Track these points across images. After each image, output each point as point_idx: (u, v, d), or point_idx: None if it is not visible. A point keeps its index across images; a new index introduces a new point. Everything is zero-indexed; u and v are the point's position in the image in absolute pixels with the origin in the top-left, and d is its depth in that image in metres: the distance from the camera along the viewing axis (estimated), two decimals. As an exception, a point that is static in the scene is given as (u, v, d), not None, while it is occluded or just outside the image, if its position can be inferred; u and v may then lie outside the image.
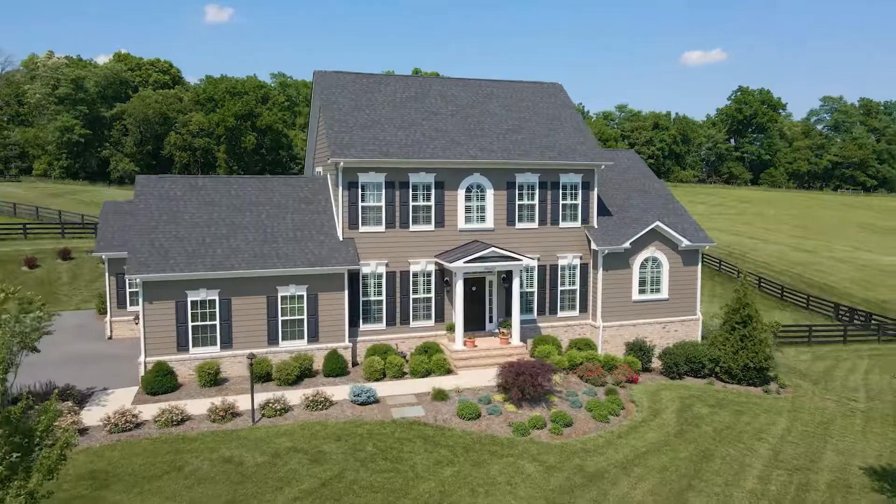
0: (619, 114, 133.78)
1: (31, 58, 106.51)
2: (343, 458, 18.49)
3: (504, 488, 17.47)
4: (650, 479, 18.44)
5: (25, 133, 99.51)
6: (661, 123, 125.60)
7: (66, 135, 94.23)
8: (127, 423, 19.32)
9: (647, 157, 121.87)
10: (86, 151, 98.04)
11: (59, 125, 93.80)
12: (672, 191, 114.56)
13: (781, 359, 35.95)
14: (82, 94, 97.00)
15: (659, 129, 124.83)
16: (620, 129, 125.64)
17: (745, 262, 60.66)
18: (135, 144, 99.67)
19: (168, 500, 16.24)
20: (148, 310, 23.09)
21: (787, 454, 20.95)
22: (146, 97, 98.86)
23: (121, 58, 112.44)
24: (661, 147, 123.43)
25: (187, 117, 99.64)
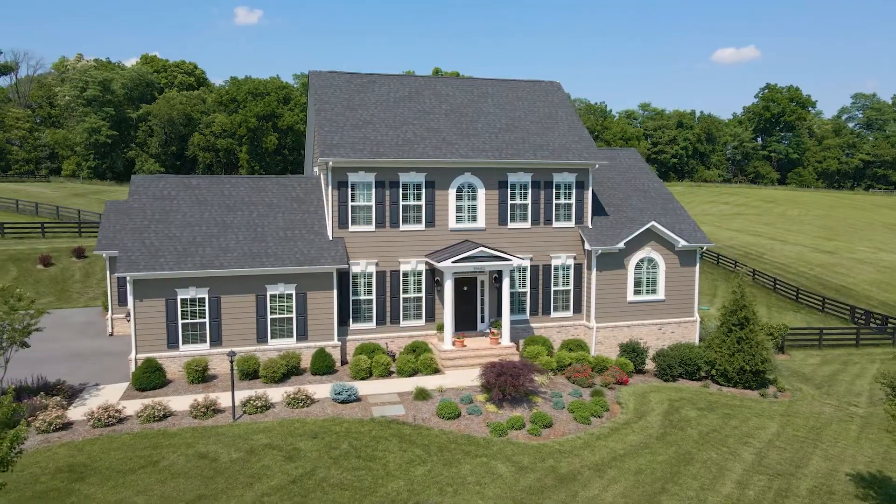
0: (643, 112, 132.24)
1: (62, 60, 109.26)
2: (317, 455, 18.66)
3: (473, 488, 17.45)
4: (623, 482, 18.26)
5: (55, 134, 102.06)
6: (685, 122, 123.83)
7: (94, 136, 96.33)
8: (109, 419, 19.73)
9: (671, 157, 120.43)
10: (112, 152, 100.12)
11: (87, 126, 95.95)
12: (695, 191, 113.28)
13: (788, 362, 35.30)
14: (109, 95, 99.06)
15: (683, 128, 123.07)
16: (643, 127, 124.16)
17: (763, 263, 59.58)
18: (160, 145, 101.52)
19: (140, 493, 16.57)
20: (138, 307, 23.55)
21: (772, 459, 20.55)
22: (171, 98, 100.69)
23: (147, 60, 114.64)
24: (685, 146, 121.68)
25: (210, 118, 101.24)
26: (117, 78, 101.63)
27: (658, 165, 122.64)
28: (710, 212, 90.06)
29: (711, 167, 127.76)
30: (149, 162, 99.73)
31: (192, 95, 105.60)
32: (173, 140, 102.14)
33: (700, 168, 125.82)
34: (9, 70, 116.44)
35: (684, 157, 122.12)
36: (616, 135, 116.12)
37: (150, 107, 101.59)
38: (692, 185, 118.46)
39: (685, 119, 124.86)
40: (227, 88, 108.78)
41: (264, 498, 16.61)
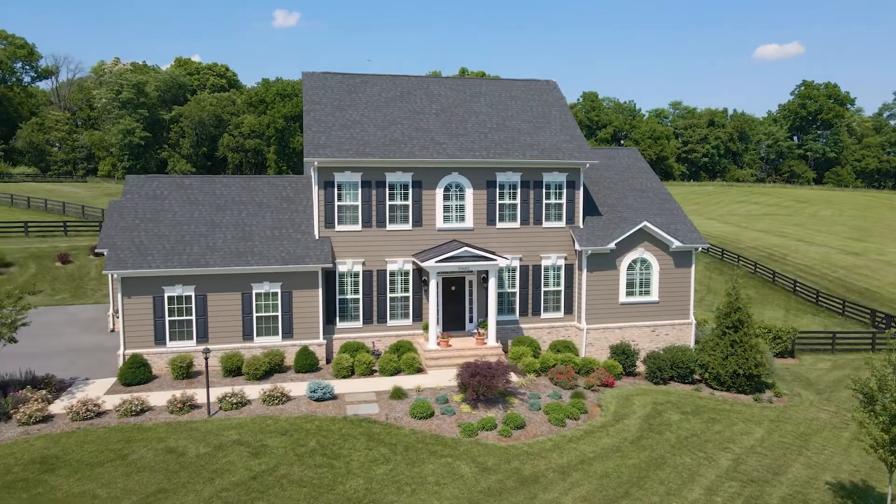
0: (674, 111, 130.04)
1: (100, 64, 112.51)
2: (283, 452, 18.88)
3: (431, 488, 17.45)
4: (586, 485, 18.03)
5: (92, 136, 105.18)
6: (716, 121, 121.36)
7: (128, 137, 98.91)
8: (87, 412, 20.28)
9: (702, 156, 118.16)
10: (146, 153, 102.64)
11: (122, 128, 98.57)
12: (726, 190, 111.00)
13: (796, 366, 34.37)
14: (143, 98, 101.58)
15: (714, 127, 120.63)
16: (673, 126, 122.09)
17: (785, 264, 58.08)
18: (191, 146, 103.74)
19: (103, 486, 17.00)
20: (127, 304, 24.15)
21: (749, 465, 20.05)
22: (201, 100, 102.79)
23: (181, 63, 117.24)
24: (716, 145, 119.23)
25: (239, 119, 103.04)
26: (151, 81, 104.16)
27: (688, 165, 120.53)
28: (737, 212, 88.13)
29: (744, 166, 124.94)
30: (181, 163, 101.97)
31: (223, 97, 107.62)
32: (204, 141, 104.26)
33: (732, 167, 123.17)
34: (50, 74, 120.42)
35: (716, 157, 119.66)
36: (645, 134, 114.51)
37: (181, 109, 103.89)
38: (723, 185, 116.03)
39: (717, 117, 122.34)
40: (256, 90, 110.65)
41: (222, 493, 16.88)
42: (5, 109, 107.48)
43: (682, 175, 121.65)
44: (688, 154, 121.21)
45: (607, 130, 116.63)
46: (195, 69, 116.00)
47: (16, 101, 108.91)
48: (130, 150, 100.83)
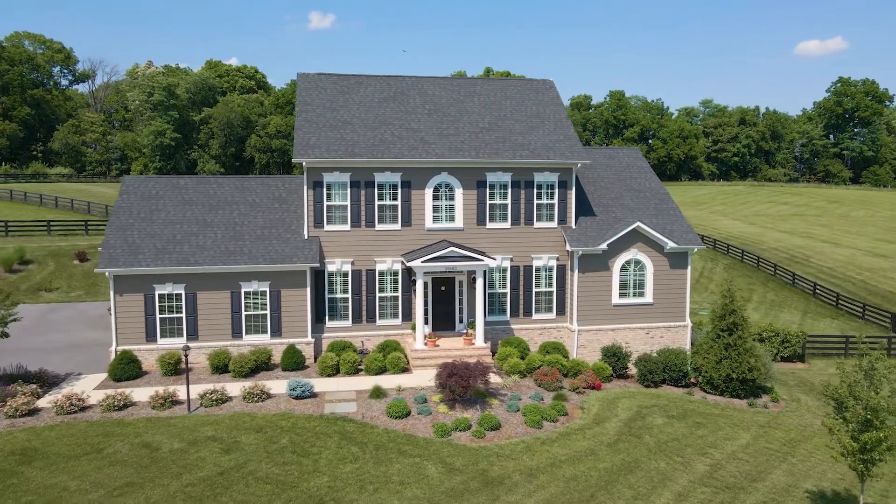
0: (704, 109, 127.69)
1: (134, 67, 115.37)
2: (254, 449, 19.13)
3: (394, 488, 17.50)
4: (552, 488, 17.87)
5: (125, 137, 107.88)
6: (748, 119, 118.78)
7: (159, 138, 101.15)
8: (71, 406, 20.84)
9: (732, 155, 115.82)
10: (176, 154, 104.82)
11: (153, 129, 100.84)
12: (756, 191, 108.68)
13: (803, 371, 33.50)
14: (174, 100, 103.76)
15: (745, 125, 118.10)
16: (703, 125, 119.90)
17: (807, 266, 56.61)
18: (220, 147, 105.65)
19: (75, 478, 17.45)
20: (119, 301, 24.75)
21: (727, 471, 19.63)
22: (229, 102, 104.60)
23: (212, 65, 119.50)
24: (747, 144, 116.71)
25: (266, 120, 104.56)
26: (182, 83, 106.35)
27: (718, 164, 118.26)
28: (765, 212, 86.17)
29: (776, 166, 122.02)
30: (210, 163, 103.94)
31: (251, 98, 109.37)
32: (232, 142, 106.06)
33: (764, 167, 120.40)
34: (86, 77, 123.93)
35: (746, 156, 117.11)
36: (673, 133, 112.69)
37: (210, 110, 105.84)
38: (754, 185, 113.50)
39: (748, 116, 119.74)
40: (283, 91, 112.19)
41: (188, 488, 17.18)
42: (43, 112, 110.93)
43: (711, 174, 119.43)
44: (717, 153, 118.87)
45: (634, 129, 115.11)
46: (224, 71, 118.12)
47: (54, 104, 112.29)
48: (161, 151, 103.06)
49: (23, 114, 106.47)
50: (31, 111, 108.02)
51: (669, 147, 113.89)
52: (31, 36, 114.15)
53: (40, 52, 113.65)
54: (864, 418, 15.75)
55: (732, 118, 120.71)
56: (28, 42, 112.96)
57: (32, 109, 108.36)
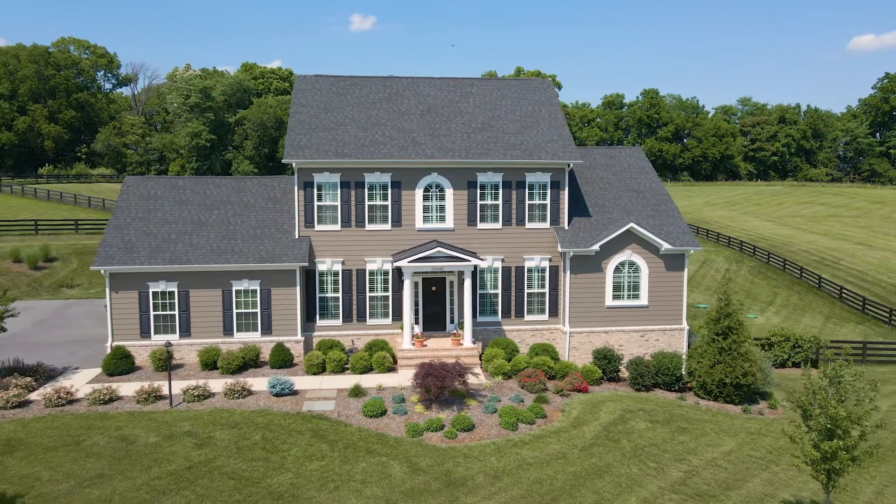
0: (742, 108, 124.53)
1: (174, 71, 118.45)
2: (226, 444, 19.49)
3: (355, 486, 17.61)
4: (513, 491, 17.73)
5: (163, 139, 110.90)
6: (788, 117, 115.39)
7: (195, 139, 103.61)
8: (59, 399, 21.56)
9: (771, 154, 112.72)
10: (212, 154, 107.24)
11: (190, 131, 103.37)
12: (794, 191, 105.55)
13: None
14: (210, 102, 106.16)
15: (785, 124, 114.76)
16: (741, 124, 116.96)
17: (837, 269, 54.76)
18: (253, 147, 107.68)
19: (49, 469, 18.06)
20: (114, 298, 25.48)
21: (702, 478, 19.16)
22: (262, 103, 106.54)
23: (247, 68, 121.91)
24: (787, 143, 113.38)
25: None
26: (218, 86, 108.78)
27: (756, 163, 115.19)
28: (800, 213, 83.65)
29: (818, 165, 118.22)
30: (244, 163, 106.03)
31: (284, 100, 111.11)
32: (266, 142, 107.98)
33: (804, 166, 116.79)
34: (129, 81, 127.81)
35: (786, 155, 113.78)
36: (708, 132, 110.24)
37: (245, 112, 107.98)
38: (793, 185, 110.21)
39: (788, 114, 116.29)
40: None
41: (154, 481, 17.61)
42: (88, 115, 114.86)
43: (748, 174, 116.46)
44: (755, 153, 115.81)
45: (668, 128, 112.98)
46: (259, 73, 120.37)
47: (97, 107, 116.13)
48: (197, 152, 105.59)
49: (68, 116, 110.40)
50: (76, 114, 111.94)
51: (704, 146, 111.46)
52: (76, 41, 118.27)
53: (85, 56, 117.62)
54: (825, 427, 15.20)
55: (772, 116, 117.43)
56: (73, 47, 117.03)
57: (77, 112, 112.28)
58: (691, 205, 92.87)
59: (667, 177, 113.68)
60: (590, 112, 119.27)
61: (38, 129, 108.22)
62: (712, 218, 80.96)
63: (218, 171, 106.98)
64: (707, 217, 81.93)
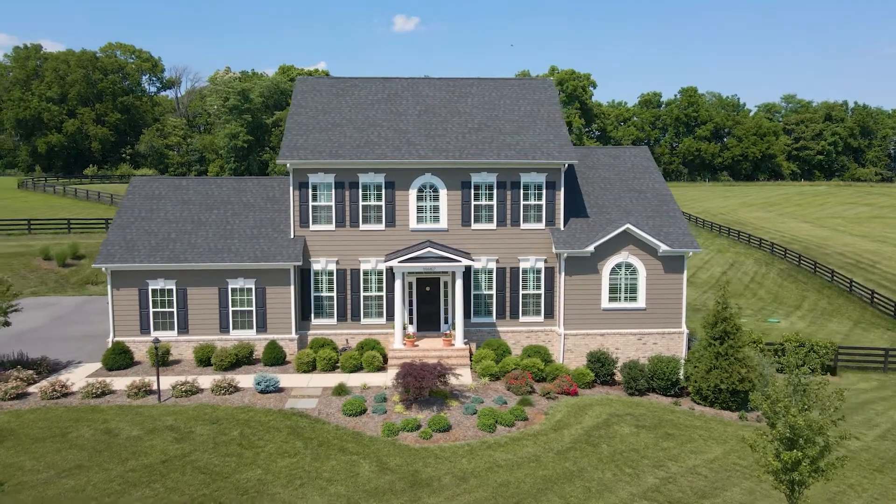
0: (786, 105, 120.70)
1: (216, 74, 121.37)
2: (204, 439, 19.91)
3: (320, 484, 17.78)
4: (478, 493, 17.62)
5: (203, 140, 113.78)
6: (834, 115, 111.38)
7: (233, 140, 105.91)
8: (54, 392, 22.36)
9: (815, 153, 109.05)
10: (249, 155, 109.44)
11: (228, 132, 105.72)
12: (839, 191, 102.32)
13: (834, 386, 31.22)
14: (248, 104, 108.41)
15: (832, 122, 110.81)
16: (784, 122, 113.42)
17: (871, 273, 52.72)
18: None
19: (34, 459, 18.75)
20: (115, 295, 26.30)
21: (677, 486, 18.71)
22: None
23: (284, 69, 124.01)
24: (833, 141, 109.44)
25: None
26: (256, 88, 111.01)
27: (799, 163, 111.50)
28: (841, 214, 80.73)
29: (867, 164, 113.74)
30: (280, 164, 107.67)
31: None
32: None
33: (852, 166, 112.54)
34: (172, 84, 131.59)
35: (832, 154, 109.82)
36: (749, 130, 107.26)
37: (281, 113, 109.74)
38: (839, 185, 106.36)
39: (835, 111, 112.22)
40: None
41: (128, 473, 18.12)
42: (133, 117, 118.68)
43: (791, 174, 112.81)
44: (799, 151, 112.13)
45: (706, 127, 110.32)
46: (296, 75, 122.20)
47: (142, 110, 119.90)
48: (235, 153, 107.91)
49: (114, 119, 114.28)
50: (122, 116, 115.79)
51: (745, 145, 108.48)
52: (122, 46, 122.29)
53: (131, 61, 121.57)
54: (785, 436, 14.66)
55: (817, 114, 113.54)
56: (120, 52, 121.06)
57: (123, 115, 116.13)
58: (728, 205, 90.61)
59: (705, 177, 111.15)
60: (625, 111, 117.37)
61: (85, 132, 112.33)
62: (747, 219, 78.83)
63: (255, 171, 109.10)
64: (742, 218, 79.83)
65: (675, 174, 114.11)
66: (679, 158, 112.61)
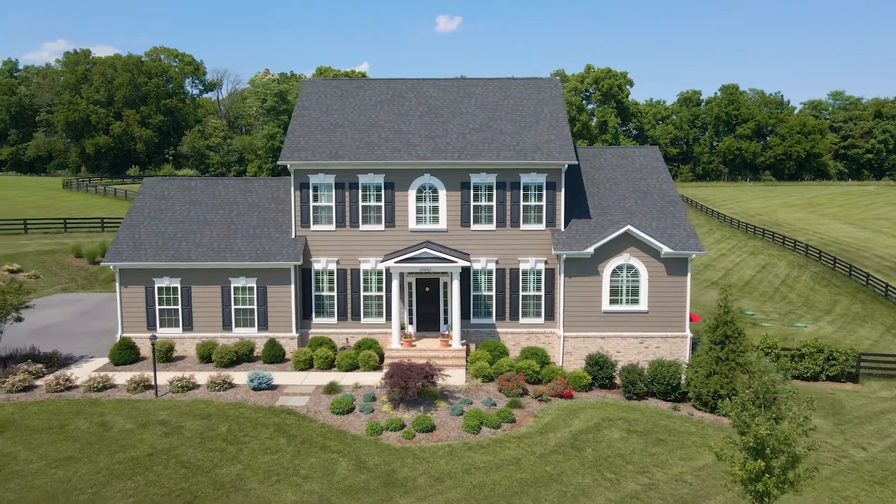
0: (833, 102, 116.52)
1: (256, 76, 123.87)
2: (192, 434, 20.38)
3: (296, 481, 18.01)
4: (451, 494, 17.58)
5: (243, 141, 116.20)
6: (885, 112, 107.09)
7: (271, 141, 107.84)
8: (58, 385, 23.20)
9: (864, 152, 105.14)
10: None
11: (266, 133, 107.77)
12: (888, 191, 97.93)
13: (848, 392, 30.12)
14: (285, 105, 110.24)
15: (882, 119, 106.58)
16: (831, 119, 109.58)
17: (910, 276, 50.52)
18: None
19: (29, 449, 19.50)
20: (123, 293, 27.12)
21: (658, 493, 18.32)
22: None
23: (321, 71, 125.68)
24: (884, 139, 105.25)
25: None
26: (293, 89, 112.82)
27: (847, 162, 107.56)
28: (888, 216, 77.64)
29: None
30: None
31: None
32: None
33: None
34: (214, 87, 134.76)
35: (883, 152, 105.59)
36: (793, 128, 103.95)
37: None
38: (889, 185, 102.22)
39: (886, 108, 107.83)
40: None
41: (115, 465, 18.68)
42: (175, 119, 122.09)
43: (839, 174, 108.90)
44: (846, 150, 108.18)
45: (748, 125, 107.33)
46: (333, 76, 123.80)
47: (184, 112, 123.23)
48: (273, 153, 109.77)
49: (157, 121, 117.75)
50: (165, 118, 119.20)
51: (788, 144, 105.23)
52: (166, 50, 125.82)
53: (174, 64, 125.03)
54: (749, 445, 14.21)
55: (867, 111, 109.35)
56: (164, 56, 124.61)
57: (166, 117, 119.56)
58: (767, 206, 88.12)
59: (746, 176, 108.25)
60: (663, 109, 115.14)
61: (131, 133, 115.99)
62: (786, 220, 76.53)
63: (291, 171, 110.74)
64: (780, 219, 77.54)
65: (715, 174, 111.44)
66: (719, 157, 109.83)
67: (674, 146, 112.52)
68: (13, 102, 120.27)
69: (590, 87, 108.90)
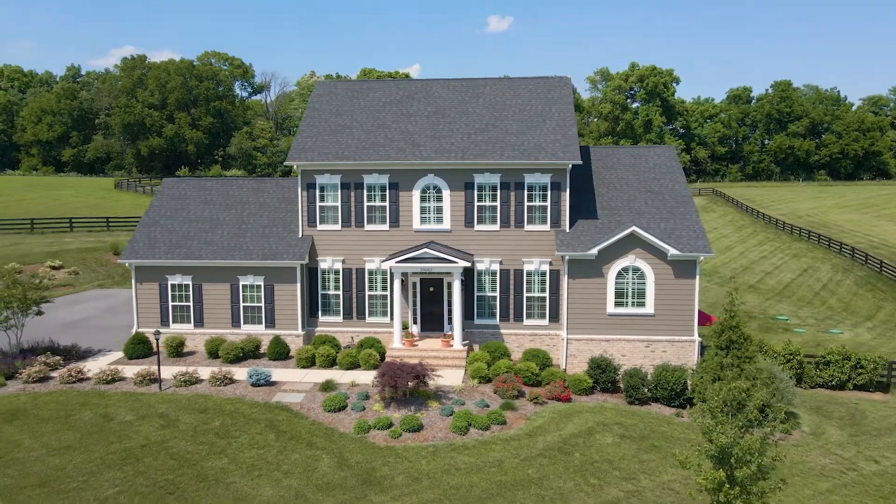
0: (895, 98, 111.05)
1: (302, 78, 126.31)
2: (186, 427, 20.97)
3: (276, 476, 18.32)
4: (426, 494, 17.58)
5: (288, 141, 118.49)
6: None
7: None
8: (70, 377, 24.20)
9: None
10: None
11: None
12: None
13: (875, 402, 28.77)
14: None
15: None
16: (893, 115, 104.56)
17: (961, 281, 47.84)
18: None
19: (33, 437, 20.42)
20: (139, 289, 28.08)
21: (642, 500, 17.89)
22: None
23: (365, 72, 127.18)
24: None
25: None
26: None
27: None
28: (947, 217, 73.64)
29: None
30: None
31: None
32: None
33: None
34: (262, 89, 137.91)
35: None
36: (850, 125, 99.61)
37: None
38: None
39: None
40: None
41: (108, 455, 19.38)
42: (225, 121, 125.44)
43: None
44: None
45: (801, 123, 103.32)
46: (376, 77, 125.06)
47: (233, 114, 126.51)
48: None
49: (207, 123, 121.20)
50: (215, 120, 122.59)
51: (845, 142, 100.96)
52: (217, 54, 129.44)
53: (224, 68, 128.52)
54: (711, 454, 13.73)
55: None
56: (214, 60, 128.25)
57: (216, 119, 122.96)
58: (817, 207, 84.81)
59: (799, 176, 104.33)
60: (711, 107, 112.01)
61: (182, 135, 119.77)
62: (835, 221, 73.49)
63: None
64: (830, 220, 74.53)
65: (766, 173, 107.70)
66: (769, 156, 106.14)
67: (722, 145, 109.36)
68: (75, 106, 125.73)
69: (634, 85, 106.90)
